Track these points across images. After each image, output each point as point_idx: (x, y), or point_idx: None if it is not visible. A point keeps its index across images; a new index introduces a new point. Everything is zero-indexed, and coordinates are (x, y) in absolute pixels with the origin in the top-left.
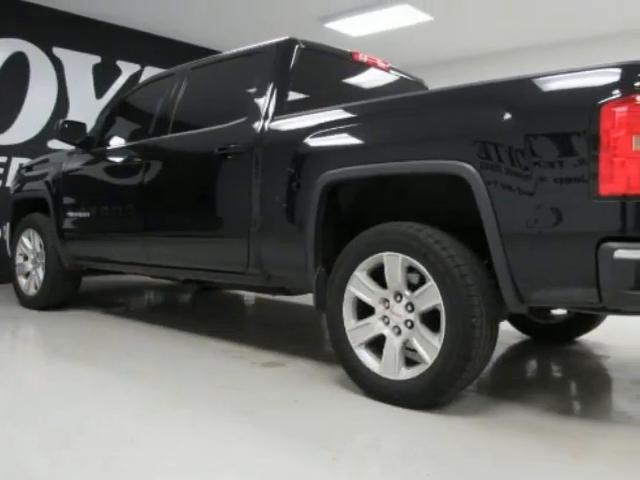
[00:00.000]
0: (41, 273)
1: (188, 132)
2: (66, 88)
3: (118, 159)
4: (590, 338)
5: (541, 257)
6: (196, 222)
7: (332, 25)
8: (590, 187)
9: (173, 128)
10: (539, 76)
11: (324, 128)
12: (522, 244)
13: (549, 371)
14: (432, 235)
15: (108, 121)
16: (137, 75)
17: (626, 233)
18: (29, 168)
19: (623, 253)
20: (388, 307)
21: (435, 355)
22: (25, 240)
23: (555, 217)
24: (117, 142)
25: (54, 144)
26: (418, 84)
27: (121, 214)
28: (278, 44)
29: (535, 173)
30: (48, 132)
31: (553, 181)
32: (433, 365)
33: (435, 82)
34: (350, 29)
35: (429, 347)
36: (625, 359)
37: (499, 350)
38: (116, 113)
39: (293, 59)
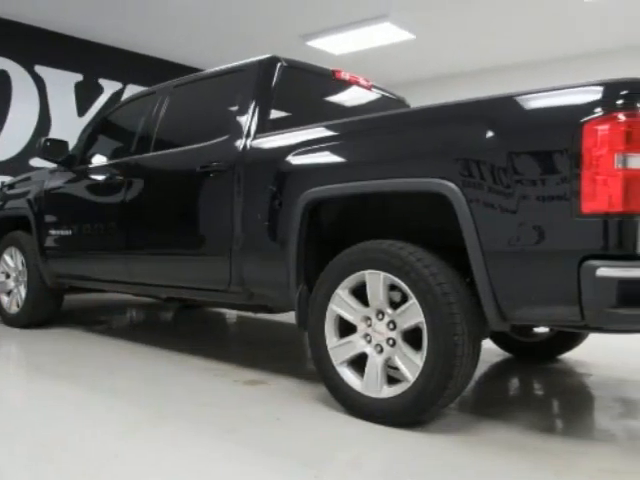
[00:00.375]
0: (23, 291)
1: (170, 150)
2: (48, 106)
3: (100, 177)
4: (572, 356)
5: (523, 275)
6: (178, 240)
7: (314, 43)
8: (572, 205)
9: (155, 146)
10: (521, 94)
11: (306, 146)
12: (504, 262)
13: (531, 389)
14: (414, 253)
15: (90, 139)
16: (119, 93)
17: (608, 251)
18: (11, 186)
19: (605, 271)
20: (370, 325)
21: (417, 373)
22: (7, 258)
23: (537, 235)
24: (99, 160)
25: (36, 162)
26: (400, 102)
27: (103, 232)
28: (260, 62)
29: (517, 191)
30: (30, 150)
31: (535, 199)
32: (415, 383)
33: (417, 100)
34: (332, 47)
35: (411, 365)
36: (607, 377)
37: (481, 368)
38: (98, 131)
39: (275, 77)
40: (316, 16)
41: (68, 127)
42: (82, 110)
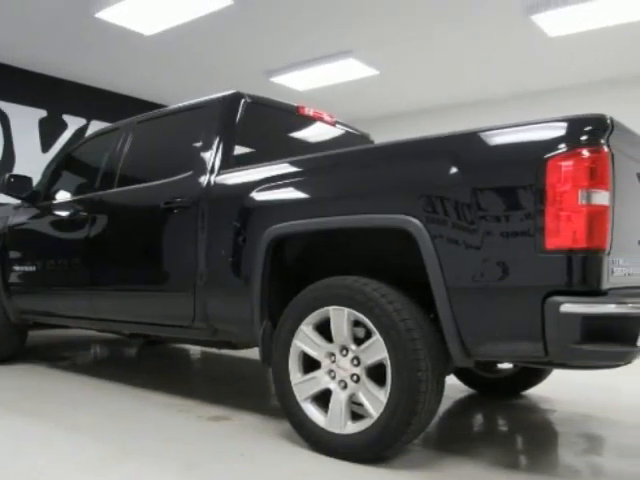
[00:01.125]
0: None
1: (134, 186)
2: (12, 142)
3: (64, 213)
4: (536, 392)
5: (487, 311)
6: (142, 276)
7: (278, 79)
8: (536, 241)
9: (119, 182)
10: (485, 130)
11: (270, 182)
12: (468, 298)
13: (495, 425)
14: (378, 289)
15: (54, 175)
16: (83, 129)
17: (572, 287)
18: None
19: (569, 307)
20: (334, 361)
21: (381, 409)
22: None
23: (501, 271)
24: (63, 196)
25: (0, 198)
26: (364, 138)
27: (67, 268)
28: (224, 98)
29: (481, 227)
30: None
31: (499, 235)
32: (379, 419)
33: (381, 136)
34: (296, 83)
35: (375, 401)
36: (571, 413)
37: (445, 404)
38: (62, 167)
39: (239, 113)
40: (280, 52)
41: (32, 163)
42: (46, 146)
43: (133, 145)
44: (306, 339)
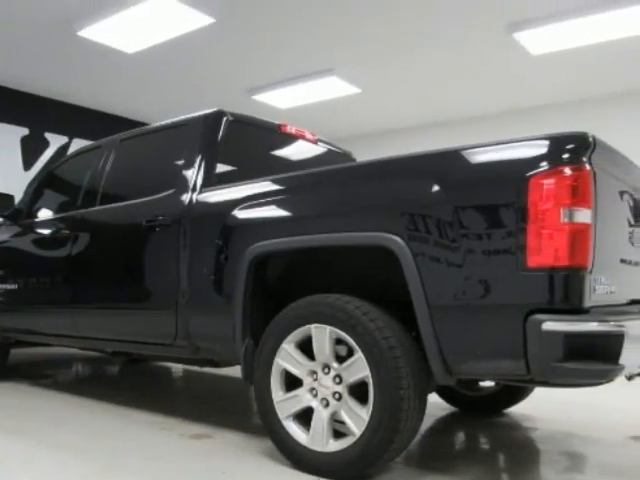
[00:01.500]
0: None
1: (116, 204)
2: None
3: (46, 231)
4: (518, 410)
5: (469, 329)
6: (124, 294)
7: (260, 97)
8: (518, 259)
9: (101, 200)
10: (468, 148)
11: (252, 200)
12: (450, 316)
13: (477, 443)
14: (360, 307)
15: (36, 193)
16: (65, 147)
17: (554, 305)
18: None
19: (551, 325)
20: (316, 379)
21: (363, 427)
22: None
23: (483, 289)
24: (45, 214)
25: None
26: (346, 156)
27: (49, 286)
28: (206, 116)
29: (463, 245)
30: None
31: (481, 253)
32: (361, 437)
33: (363, 154)
34: (278, 101)
35: (357, 419)
36: (553, 431)
37: (427, 422)
38: (44, 185)
39: (221, 131)
40: (262, 70)
41: (14, 181)
42: (28, 164)
43: (115, 163)
44: (288, 357)
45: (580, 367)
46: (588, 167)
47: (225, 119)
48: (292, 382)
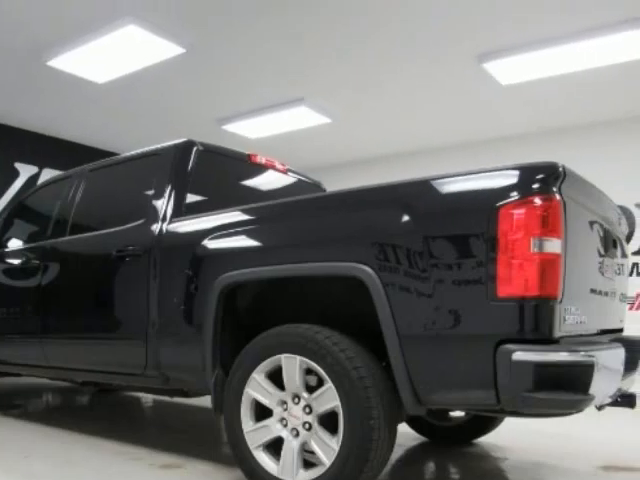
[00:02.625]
0: None
1: (86, 234)
2: None
3: (16, 261)
4: (488, 440)
5: (439, 359)
6: (94, 324)
7: (230, 127)
8: (488, 289)
9: (71, 230)
10: (437, 178)
11: (222, 230)
12: (420, 346)
13: (447, 473)
14: (330, 337)
15: (6, 223)
16: (35, 177)
17: (524, 335)
18: None
19: (521, 355)
20: (286, 409)
21: (333, 457)
22: None
23: (453, 319)
24: (16, 244)
25: None
26: (316, 186)
27: (19, 316)
28: (176, 146)
29: (433, 275)
30: None
31: (451, 283)
32: (331, 467)
33: (333, 184)
34: (248, 131)
35: (327, 449)
36: (523, 461)
37: (397, 452)
38: (14, 215)
39: (191, 161)
40: (231, 100)
41: None
42: None
43: (85, 193)
44: (258, 387)
45: (550, 397)
46: (558, 197)
47: (195, 149)
48: (262, 412)
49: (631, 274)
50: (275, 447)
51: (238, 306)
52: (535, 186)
